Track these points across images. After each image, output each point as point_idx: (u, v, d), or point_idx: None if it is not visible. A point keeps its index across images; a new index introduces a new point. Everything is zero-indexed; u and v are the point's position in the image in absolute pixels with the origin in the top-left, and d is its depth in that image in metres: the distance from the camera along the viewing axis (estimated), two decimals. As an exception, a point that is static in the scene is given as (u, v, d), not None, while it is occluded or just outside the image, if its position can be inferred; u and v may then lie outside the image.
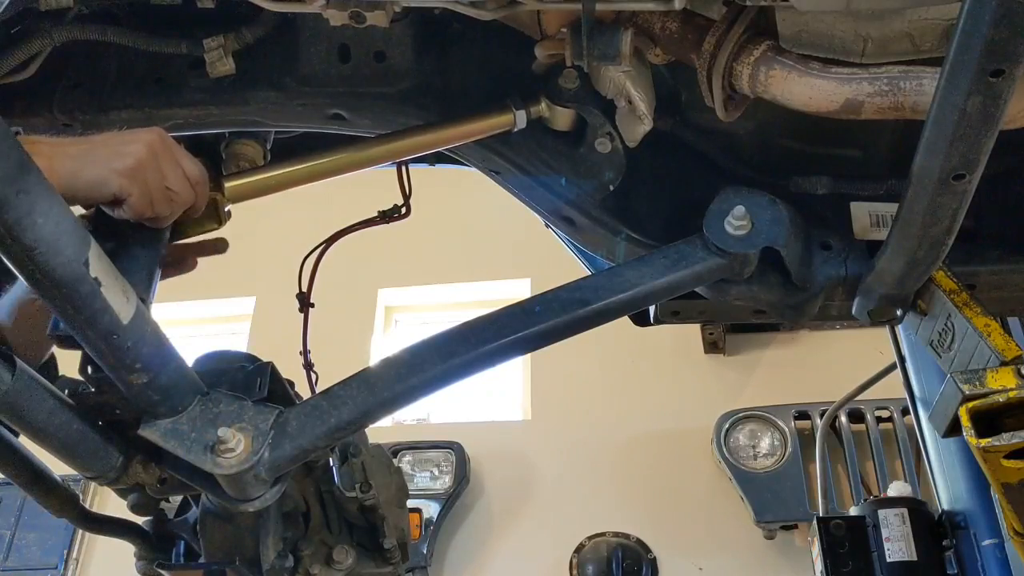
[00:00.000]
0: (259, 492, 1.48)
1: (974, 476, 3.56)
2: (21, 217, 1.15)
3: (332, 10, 1.59)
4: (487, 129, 1.83)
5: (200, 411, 1.45)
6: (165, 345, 1.39)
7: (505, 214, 3.81)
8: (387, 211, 2.28)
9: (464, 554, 5.05)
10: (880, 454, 4.69)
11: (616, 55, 1.58)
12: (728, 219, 1.61)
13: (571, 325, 1.58)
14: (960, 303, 1.69)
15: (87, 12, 1.75)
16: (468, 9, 1.56)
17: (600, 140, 1.83)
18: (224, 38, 1.75)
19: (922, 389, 3.75)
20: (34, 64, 1.74)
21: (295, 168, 1.84)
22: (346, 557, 1.92)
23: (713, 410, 5.02)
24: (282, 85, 1.86)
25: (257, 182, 1.81)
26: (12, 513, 5.25)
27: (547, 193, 1.94)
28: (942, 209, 1.45)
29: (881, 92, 1.49)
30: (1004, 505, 1.68)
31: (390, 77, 1.86)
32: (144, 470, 1.55)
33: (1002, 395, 1.50)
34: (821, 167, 1.94)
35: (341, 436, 1.53)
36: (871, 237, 1.82)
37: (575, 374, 5.34)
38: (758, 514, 4.68)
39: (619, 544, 4.87)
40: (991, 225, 1.87)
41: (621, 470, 5.10)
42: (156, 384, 1.38)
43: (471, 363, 1.55)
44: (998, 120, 1.26)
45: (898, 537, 3.62)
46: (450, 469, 5.08)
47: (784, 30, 1.55)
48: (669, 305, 2.10)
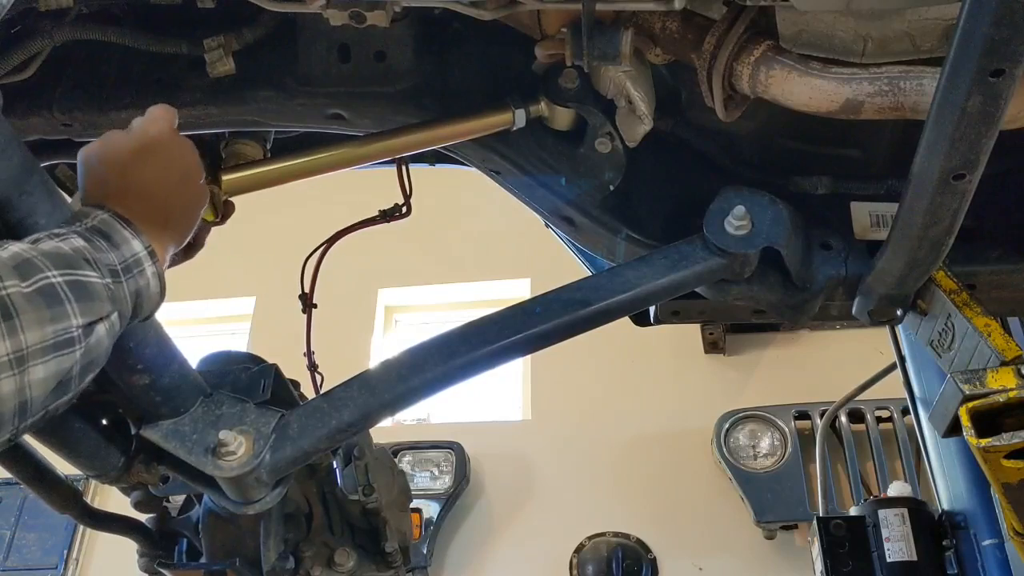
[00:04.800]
0: (260, 494, 1.48)
1: (974, 476, 3.56)
2: (23, 218, 1.15)
3: (332, 10, 1.59)
4: (486, 128, 1.83)
5: (202, 413, 1.45)
6: (168, 346, 1.39)
7: (505, 214, 3.80)
8: (388, 210, 2.28)
9: (464, 554, 5.05)
10: (880, 454, 4.69)
11: (616, 55, 1.58)
12: (728, 219, 1.62)
13: (572, 326, 1.59)
14: (960, 303, 1.69)
15: (87, 12, 1.75)
16: (468, 9, 1.56)
17: (600, 140, 1.83)
18: (224, 38, 1.74)
19: (922, 389, 3.74)
20: (34, 64, 1.74)
21: (292, 162, 1.84)
22: (348, 559, 1.92)
23: (713, 410, 5.02)
24: (282, 85, 1.86)
25: (254, 176, 1.81)
26: (12, 513, 5.25)
27: (547, 193, 1.94)
28: (942, 209, 1.45)
29: (881, 92, 1.49)
30: (1004, 505, 1.68)
31: (390, 77, 1.86)
32: (146, 470, 1.56)
33: (1002, 395, 1.50)
34: (821, 167, 1.94)
35: (342, 438, 1.53)
36: (871, 237, 1.82)
37: (575, 374, 5.34)
38: (758, 514, 4.68)
39: (619, 544, 4.86)
40: (991, 225, 1.87)
41: (621, 470, 5.10)
42: (158, 385, 1.39)
43: (472, 364, 1.55)
44: (998, 120, 1.26)
45: (898, 537, 3.61)
46: (450, 469, 5.07)
47: (784, 30, 1.55)
48: (669, 305, 2.10)
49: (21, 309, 0.98)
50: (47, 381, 1.01)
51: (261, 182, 1.82)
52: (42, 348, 0.99)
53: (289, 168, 1.84)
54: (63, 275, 1.04)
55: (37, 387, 1.00)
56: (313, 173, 1.86)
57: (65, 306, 1.03)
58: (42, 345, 0.99)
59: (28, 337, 0.98)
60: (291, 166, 1.84)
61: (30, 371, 0.98)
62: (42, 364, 1.00)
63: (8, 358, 0.96)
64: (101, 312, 1.08)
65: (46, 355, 1.00)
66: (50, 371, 1.01)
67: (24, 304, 0.98)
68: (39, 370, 0.99)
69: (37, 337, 0.99)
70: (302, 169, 1.85)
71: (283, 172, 1.84)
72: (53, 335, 1.01)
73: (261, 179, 1.82)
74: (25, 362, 0.98)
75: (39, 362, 0.99)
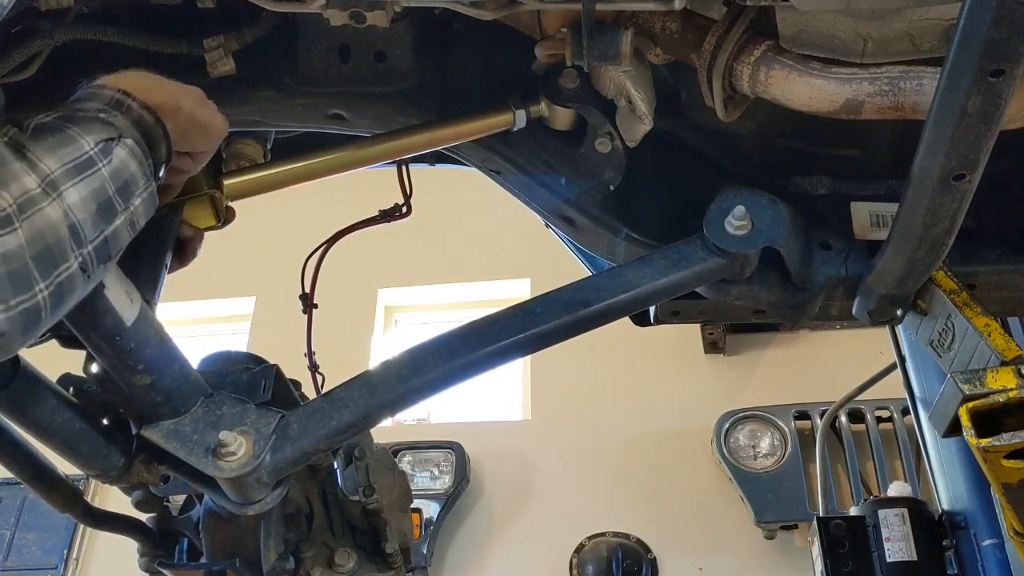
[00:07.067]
0: (261, 495, 1.48)
1: (974, 476, 3.56)
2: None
3: (332, 10, 1.59)
4: (487, 128, 1.83)
5: (203, 413, 1.45)
6: (169, 347, 1.39)
7: (505, 214, 3.81)
8: (388, 210, 2.28)
9: (464, 554, 5.05)
10: (880, 454, 4.69)
11: (616, 55, 1.58)
12: (728, 219, 1.62)
13: (572, 326, 1.59)
14: (960, 303, 1.69)
15: (87, 12, 1.75)
16: (468, 9, 1.56)
17: (600, 140, 1.83)
18: (224, 38, 1.74)
19: (922, 389, 3.75)
20: (34, 64, 1.74)
21: (294, 166, 1.84)
22: (348, 560, 1.92)
23: (713, 410, 5.02)
24: (282, 85, 1.86)
25: (256, 179, 1.81)
26: (12, 513, 5.25)
27: (547, 193, 1.94)
28: (942, 209, 1.45)
29: (881, 92, 1.49)
30: (1004, 505, 1.68)
31: (390, 77, 1.86)
32: (147, 469, 1.56)
33: (1002, 395, 1.50)
34: (821, 167, 1.94)
35: (343, 439, 1.53)
36: (871, 237, 1.82)
37: (575, 374, 5.34)
38: (758, 514, 4.68)
39: (619, 544, 4.87)
40: (991, 225, 1.87)
41: (621, 470, 5.10)
42: (159, 385, 1.39)
43: (472, 365, 1.55)
44: (998, 120, 1.26)
45: (898, 537, 3.62)
46: (450, 469, 5.08)
47: (784, 30, 1.55)
48: (669, 305, 2.10)
49: (28, 146, 1.02)
50: (86, 202, 1.05)
51: (263, 186, 1.82)
52: (65, 171, 1.03)
53: (291, 171, 1.84)
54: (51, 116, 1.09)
55: (80, 209, 1.04)
56: (315, 176, 1.86)
57: (67, 131, 1.07)
58: (64, 169, 1.03)
59: (48, 164, 1.02)
60: (293, 169, 1.84)
61: (65, 195, 1.02)
62: (73, 187, 1.03)
63: (40, 188, 1.00)
64: (108, 133, 1.12)
65: (72, 177, 1.04)
66: (84, 192, 1.05)
67: (29, 142, 1.03)
68: (72, 193, 1.03)
69: (56, 162, 1.03)
70: (304, 172, 1.85)
71: (285, 176, 1.84)
72: (71, 158, 1.05)
73: (263, 183, 1.82)
74: (57, 187, 1.02)
75: (69, 185, 1.03)
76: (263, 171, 1.86)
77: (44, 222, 0.99)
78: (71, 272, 1.03)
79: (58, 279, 1.01)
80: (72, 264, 1.02)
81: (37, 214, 0.98)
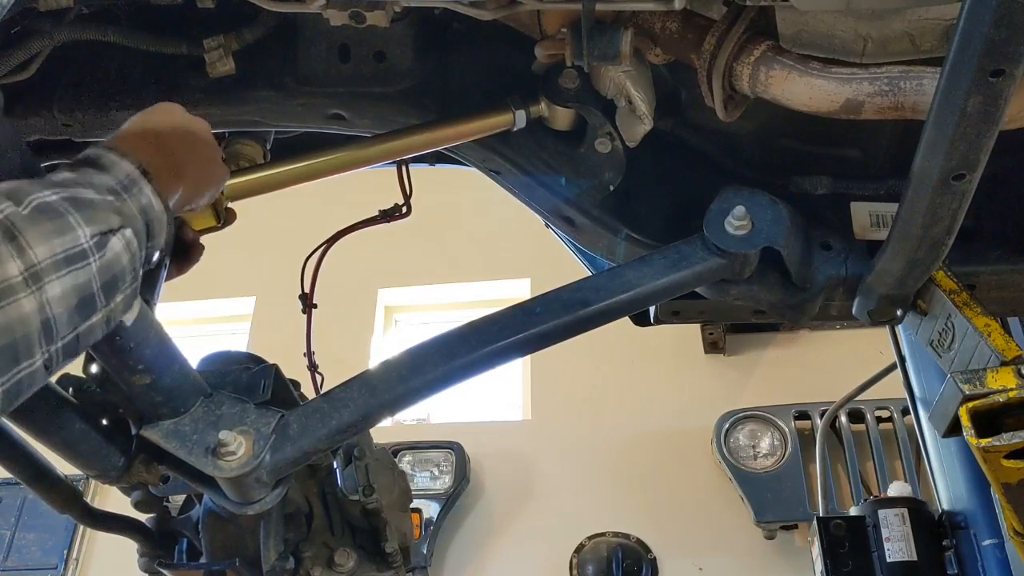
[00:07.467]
0: (260, 495, 1.48)
1: (974, 476, 3.56)
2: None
3: (332, 10, 1.59)
4: (487, 128, 1.83)
5: (203, 413, 1.45)
6: (169, 347, 1.39)
7: (505, 214, 3.81)
8: (388, 210, 2.28)
9: (464, 554, 5.05)
10: (880, 454, 4.69)
11: (616, 55, 1.58)
12: (728, 219, 1.62)
13: (572, 326, 1.59)
14: (960, 303, 1.69)
15: (87, 12, 1.75)
16: (468, 9, 1.56)
17: (600, 140, 1.83)
18: (224, 38, 1.75)
19: (922, 389, 3.74)
20: (34, 64, 1.74)
21: (294, 166, 1.84)
22: (348, 560, 1.92)
23: (713, 410, 5.02)
24: (282, 85, 1.86)
25: (256, 180, 1.82)
26: (12, 513, 5.25)
27: (547, 193, 1.94)
28: (942, 209, 1.45)
29: (881, 92, 1.49)
30: (1004, 505, 1.68)
31: (390, 77, 1.86)
32: (146, 469, 1.56)
33: (1002, 395, 1.50)
34: (821, 167, 1.94)
35: (343, 438, 1.53)
36: (871, 237, 1.82)
37: (575, 374, 5.34)
38: (758, 514, 4.68)
39: (619, 544, 4.86)
40: (991, 225, 1.87)
41: (621, 470, 5.10)
42: (159, 385, 1.39)
43: (472, 365, 1.55)
44: (998, 120, 1.26)
45: (898, 537, 3.61)
46: (450, 469, 5.08)
47: (784, 30, 1.55)
48: (669, 305, 2.10)
49: (23, 228, 0.94)
50: (66, 297, 0.97)
51: (264, 186, 1.82)
52: (54, 263, 0.95)
53: (292, 172, 1.84)
54: (56, 192, 1.01)
55: (57, 304, 0.96)
56: (315, 177, 1.87)
57: (67, 218, 0.99)
58: (53, 260, 0.95)
59: (37, 253, 0.94)
60: (293, 170, 1.84)
61: (46, 288, 0.94)
62: (58, 280, 0.96)
63: (22, 277, 0.92)
64: (109, 223, 1.04)
65: (59, 270, 0.96)
66: (67, 286, 0.97)
67: (25, 223, 0.94)
68: (55, 286, 0.96)
69: (46, 252, 0.95)
70: (304, 173, 1.85)
71: (285, 176, 1.84)
72: (63, 248, 0.97)
73: (264, 183, 1.82)
74: (40, 279, 0.94)
75: (54, 278, 0.95)
76: (263, 171, 1.86)
77: (17, 314, 0.92)
78: (33, 370, 0.95)
79: (17, 376, 0.93)
80: (36, 361, 0.95)
81: (12, 305, 0.91)
